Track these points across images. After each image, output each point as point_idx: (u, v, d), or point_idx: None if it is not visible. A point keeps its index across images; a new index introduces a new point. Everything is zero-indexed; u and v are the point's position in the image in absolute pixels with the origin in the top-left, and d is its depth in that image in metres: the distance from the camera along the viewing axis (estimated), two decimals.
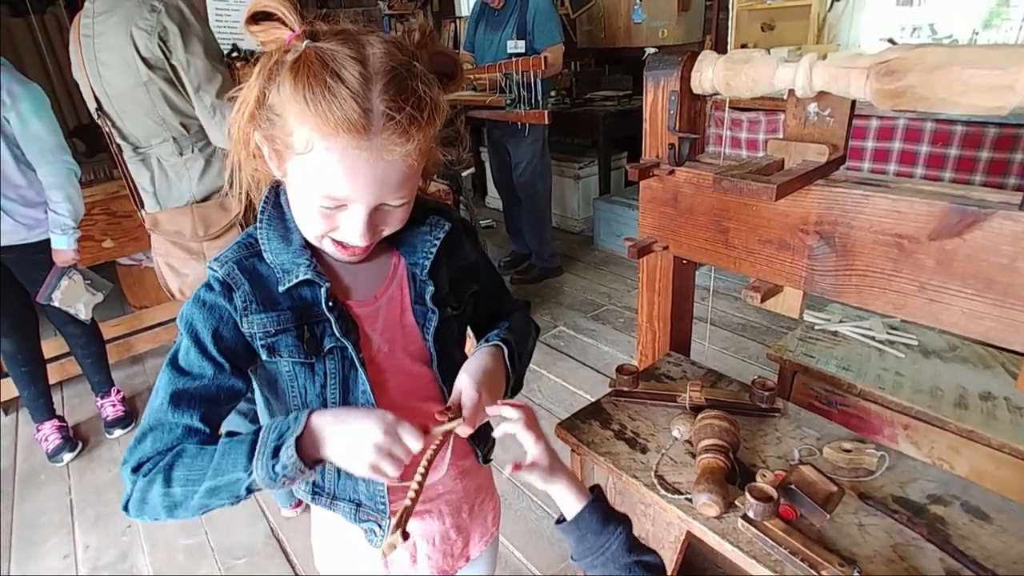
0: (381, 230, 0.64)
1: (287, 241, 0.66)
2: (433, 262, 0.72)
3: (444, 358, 0.75)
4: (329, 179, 0.56)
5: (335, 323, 0.66)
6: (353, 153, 0.54)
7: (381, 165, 0.56)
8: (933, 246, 0.80)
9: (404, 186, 0.60)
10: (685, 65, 1.00)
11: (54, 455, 2.15)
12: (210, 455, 0.59)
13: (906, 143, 2.30)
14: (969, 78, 0.71)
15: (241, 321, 0.64)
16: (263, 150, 0.62)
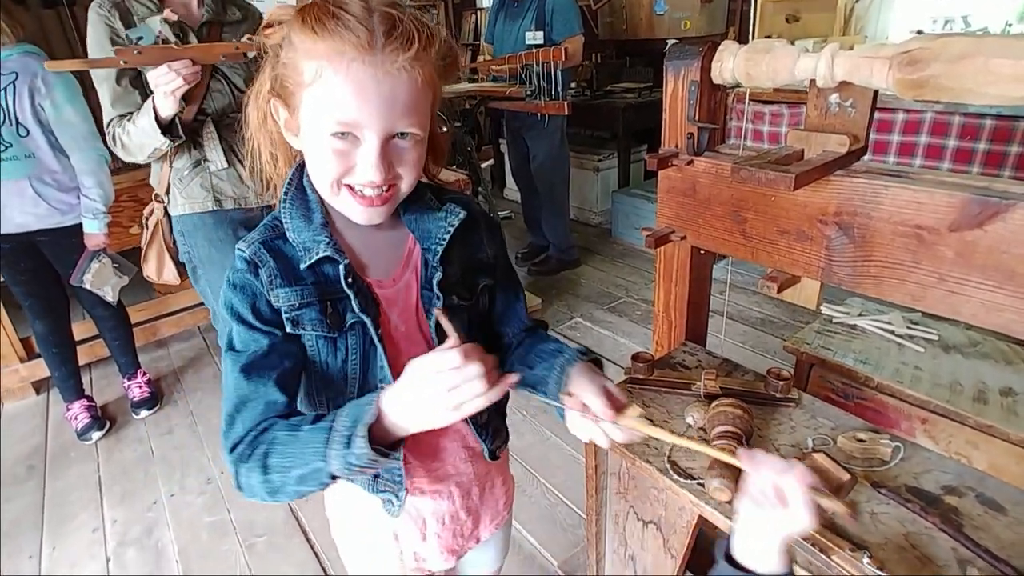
0: (397, 175, 0.64)
1: (308, 220, 0.69)
2: (445, 249, 0.73)
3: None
4: (339, 102, 0.58)
5: (355, 299, 0.68)
6: (359, 71, 0.57)
7: (388, 82, 0.58)
8: (953, 237, 0.79)
9: (413, 111, 0.61)
10: (706, 55, 1.00)
11: (83, 433, 2.22)
12: (295, 440, 0.60)
13: (933, 137, 2.25)
14: (994, 68, 0.71)
15: (268, 295, 0.67)
16: (280, 118, 0.66)
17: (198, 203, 1.55)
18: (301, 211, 0.70)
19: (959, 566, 0.71)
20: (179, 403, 2.44)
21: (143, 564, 1.68)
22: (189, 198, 1.55)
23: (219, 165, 1.53)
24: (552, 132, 3.00)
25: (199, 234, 1.58)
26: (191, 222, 1.58)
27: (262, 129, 0.71)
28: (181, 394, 2.50)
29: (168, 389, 2.54)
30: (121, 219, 2.70)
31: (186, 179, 1.54)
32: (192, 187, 1.54)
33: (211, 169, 1.54)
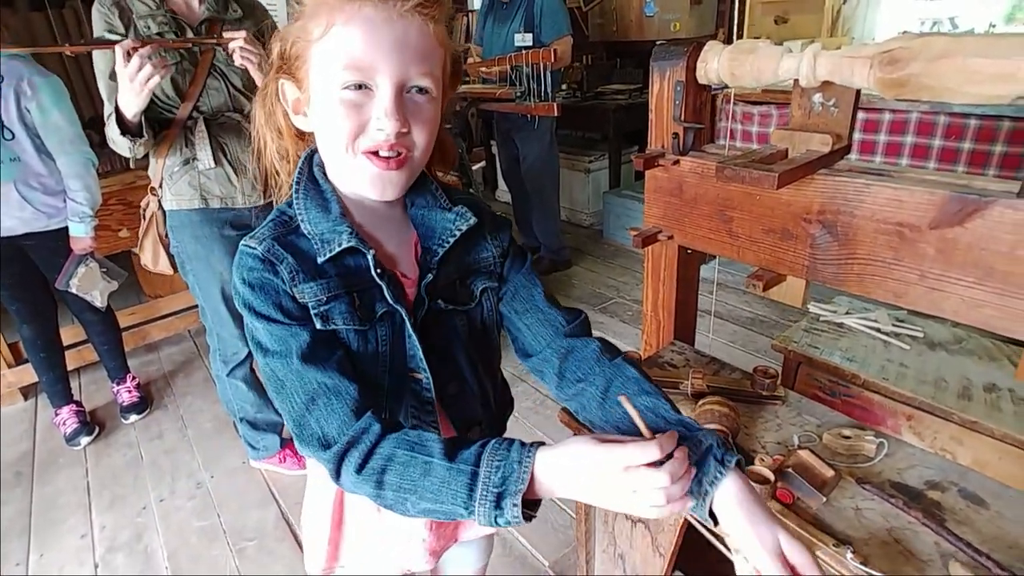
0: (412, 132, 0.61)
1: (326, 210, 0.66)
2: (445, 252, 0.70)
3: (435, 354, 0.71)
4: (351, 50, 0.57)
5: (387, 288, 0.65)
6: (370, 11, 0.57)
7: (400, 24, 0.58)
8: (934, 235, 0.80)
9: (426, 59, 0.60)
10: (691, 55, 1.01)
11: (72, 439, 2.20)
12: (423, 468, 0.56)
13: (919, 137, 2.27)
14: (972, 67, 0.72)
15: (292, 291, 0.63)
16: (289, 100, 0.66)
17: (185, 200, 1.56)
18: (317, 202, 0.66)
19: (941, 560, 0.72)
20: (169, 407, 2.42)
21: (132, 570, 1.67)
22: (177, 195, 1.56)
23: (207, 164, 1.54)
24: (542, 133, 3.01)
25: (186, 231, 1.60)
26: (179, 218, 1.59)
27: (269, 123, 0.70)
28: (171, 398, 2.48)
29: (158, 394, 2.52)
30: (110, 222, 2.68)
31: (175, 176, 1.55)
32: (180, 184, 1.55)
33: (199, 168, 1.54)
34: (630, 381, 0.69)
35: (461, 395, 0.76)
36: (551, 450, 0.55)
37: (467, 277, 0.73)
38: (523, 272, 0.78)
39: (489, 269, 0.75)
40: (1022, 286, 0.74)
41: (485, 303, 0.76)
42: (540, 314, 0.76)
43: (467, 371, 0.75)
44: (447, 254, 0.70)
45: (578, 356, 0.73)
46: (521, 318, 0.77)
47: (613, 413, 0.67)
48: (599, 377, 0.70)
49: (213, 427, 2.25)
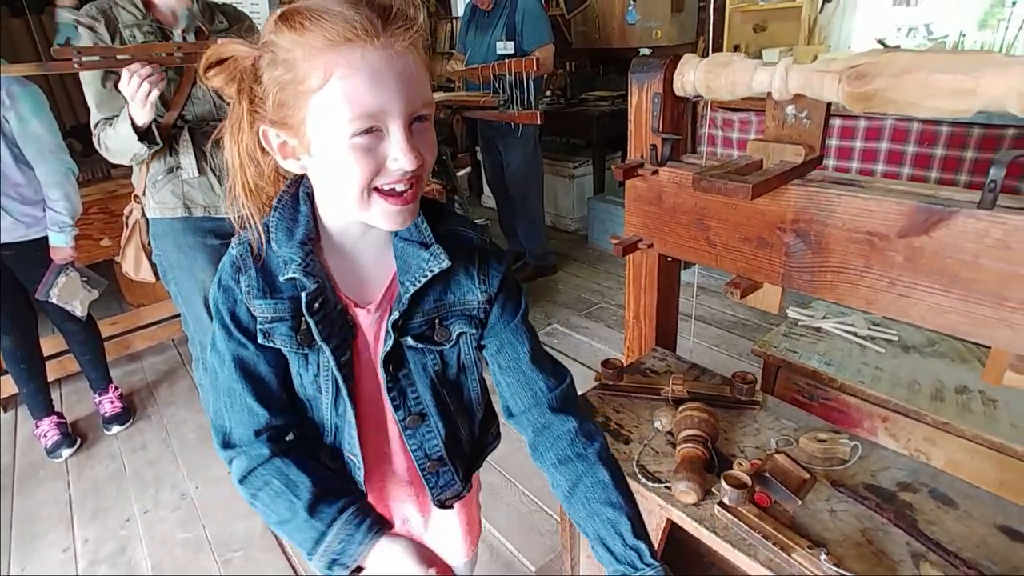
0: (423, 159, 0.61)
1: (290, 234, 0.66)
2: (420, 290, 0.68)
3: (397, 389, 0.72)
4: (357, 99, 0.55)
5: (315, 326, 0.65)
6: (371, 56, 0.55)
7: (400, 63, 0.56)
8: (902, 243, 0.83)
9: (425, 90, 0.60)
10: (668, 68, 1.03)
11: (53, 451, 2.17)
12: (287, 507, 0.65)
13: (893, 143, 2.33)
14: (935, 82, 0.74)
15: (247, 303, 0.67)
16: (273, 144, 0.62)
17: (168, 208, 1.56)
18: (286, 224, 0.67)
19: (913, 560, 0.74)
20: (152, 418, 2.39)
21: None
22: (160, 203, 1.56)
23: (191, 173, 1.53)
24: (525, 140, 3.03)
25: (168, 239, 1.59)
26: (161, 226, 1.59)
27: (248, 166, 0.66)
28: (155, 408, 2.45)
29: (141, 404, 2.49)
30: (91, 231, 2.65)
31: (159, 184, 1.54)
32: (163, 192, 1.55)
33: (183, 176, 1.54)
34: (598, 487, 0.68)
35: (420, 432, 0.75)
36: (388, 545, 0.64)
37: (447, 317, 0.71)
38: (512, 326, 0.73)
39: (471, 313, 0.71)
40: (984, 293, 0.77)
41: (463, 346, 0.73)
42: (522, 376, 0.73)
43: (431, 409, 0.74)
44: (423, 291, 0.68)
45: (553, 434, 0.72)
46: (504, 375, 0.74)
47: (577, 512, 0.69)
48: (569, 471, 0.70)
49: (197, 437, 2.23)
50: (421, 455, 0.76)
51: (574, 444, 0.71)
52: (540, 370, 0.74)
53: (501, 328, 0.73)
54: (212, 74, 0.61)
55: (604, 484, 0.68)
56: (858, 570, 0.72)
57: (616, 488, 0.68)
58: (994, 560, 0.73)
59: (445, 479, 0.80)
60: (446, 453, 0.77)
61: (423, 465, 0.77)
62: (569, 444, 0.71)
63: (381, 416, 0.76)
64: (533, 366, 0.73)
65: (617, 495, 0.67)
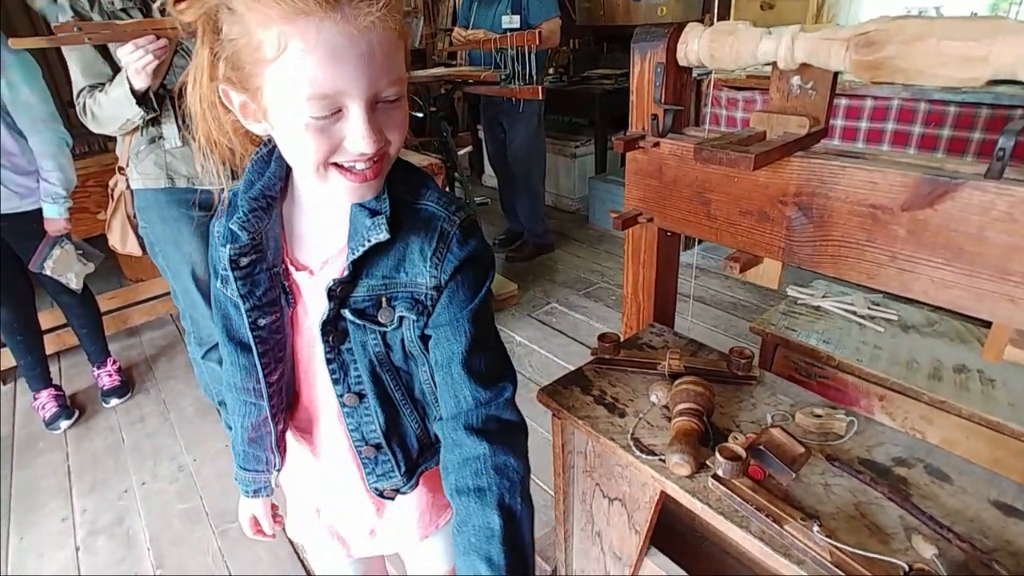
0: (387, 143, 0.58)
1: (250, 187, 0.65)
2: (371, 258, 0.64)
3: (338, 362, 0.69)
4: (313, 75, 0.51)
5: (234, 281, 0.65)
6: (329, 31, 0.49)
7: (363, 40, 0.51)
8: (905, 216, 0.81)
9: (393, 68, 0.54)
10: (671, 37, 1.00)
11: (51, 423, 2.18)
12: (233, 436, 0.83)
13: (900, 124, 2.30)
14: (945, 49, 0.72)
15: (216, 249, 0.72)
16: (234, 103, 0.58)
17: (151, 179, 1.55)
18: (250, 177, 0.66)
19: (905, 533, 0.74)
20: (151, 391, 2.40)
21: (113, 553, 1.67)
22: (143, 174, 1.54)
23: (174, 143, 1.52)
24: (529, 117, 2.99)
25: (153, 211, 1.58)
26: (145, 198, 1.58)
27: (208, 118, 0.62)
28: (153, 382, 2.46)
29: (140, 378, 2.50)
30: (88, 204, 2.64)
31: (142, 154, 1.53)
32: (146, 163, 1.53)
33: (165, 147, 1.52)
34: (483, 535, 0.61)
35: (358, 413, 0.72)
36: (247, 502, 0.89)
37: (394, 297, 0.65)
38: (454, 320, 0.65)
39: (417, 298, 0.65)
40: (988, 267, 0.76)
41: (406, 331, 0.67)
42: (450, 379, 0.66)
43: (369, 391, 0.70)
44: (369, 263, 0.64)
45: (461, 456, 0.65)
46: (436, 373, 0.68)
47: (456, 549, 0.63)
48: (462, 504, 0.63)
49: (195, 411, 2.24)
50: (358, 437, 0.74)
51: (478, 476, 0.63)
52: (472, 377, 0.65)
53: (443, 320, 0.66)
54: (183, 7, 0.57)
55: (490, 535, 0.61)
56: (850, 542, 0.71)
57: (502, 543, 0.60)
58: (987, 535, 0.73)
59: (383, 468, 0.76)
60: (385, 441, 0.73)
61: (359, 447, 0.74)
62: (473, 474, 0.63)
63: (322, 389, 0.75)
64: (464, 371, 0.65)
65: (499, 551, 0.60)
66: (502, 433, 0.65)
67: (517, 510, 0.62)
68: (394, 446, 0.74)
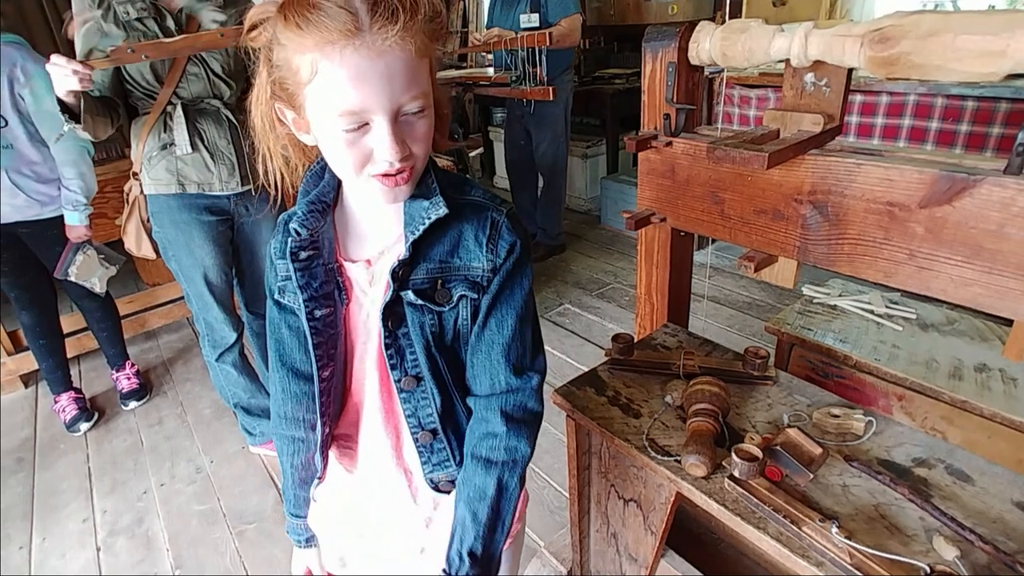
0: (412, 151, 0.63)
1: (306, 194, 0.72)
2: (426, 241, 0.69)
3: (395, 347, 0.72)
4: (341, 94, 0.58)
5: (295, 273, 0.70)
6: (353, 57, 0.56)
7: (382, 62, 0.57)
8: (923, 214, 0.80)
9: (414, 84, 0.60)
10: (683, 36, 1.00)
11: (71, 425, 2.22)
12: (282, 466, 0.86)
13: (916, 119, 2.27)
14: (962, 44, 0.72)
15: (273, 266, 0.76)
16: (287, 118, 0.66)
17: (163, 185, 1.57)
18: (306, 187, 0.73)
19: (926, 535, 0.73)
20: (168, 394, 2.43)
21: (133, 553, 1.69)
22: (155, 179, 1.57)
23: (184, 150, 1.54)
24: (555, 122, 3.01)
25: (165, 216, 1.61)
26: (157, 203, 1.60)
27: (271, 135, 0.70)
28: (170, 385, 2.49)
29: (157, 380, 2.53)
30: (106, 210, 2.68)
31: (154, 160, 1.55)
32: (158, 169, 1.56)
33: (177, 153, 1.54)
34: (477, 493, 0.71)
35: (415, 396, 0.74)
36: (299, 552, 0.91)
37: (449, 280, 0.70)
38: (501, 309, 0.72)
39: (475, 279, 0.70)
40: (1009, 264, 0.74)
41: (461, 310, 0.72)
42: (489, 362, 0.72)
43: (426, 373, 0.73)
44: (427, 244, 0.70)
45: (484, 429, 0.73)
46: (474, 353, 0.73)
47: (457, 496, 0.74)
48: (471, 466, 0.73)
49: (212, 413, 2.27)
50: (415, 423, 0.75)
51: (492, 450, 0.72)
52: (509, 365, 0.72)
53: (493, 305, 0.71)
54: (254, 35, 0.64)
55: (482, 496, 0.71)
56: (870, 543, 0.71)
57: (489, 506, 0.71)
58: (1010, 536, 0.72)
59: (440, 456, 0.77)
60: (440, 426, 0.75)
61: (416, 434, 0.75)
62: (488, 448, 0.72)
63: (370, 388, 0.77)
64: (503, 359, 0.72)
65: (484, 511, 0.70)
66: (523, 421, 0.73)
67: (511, 486, 0.72)
68: (449, 432, 0.76)
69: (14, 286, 2.09)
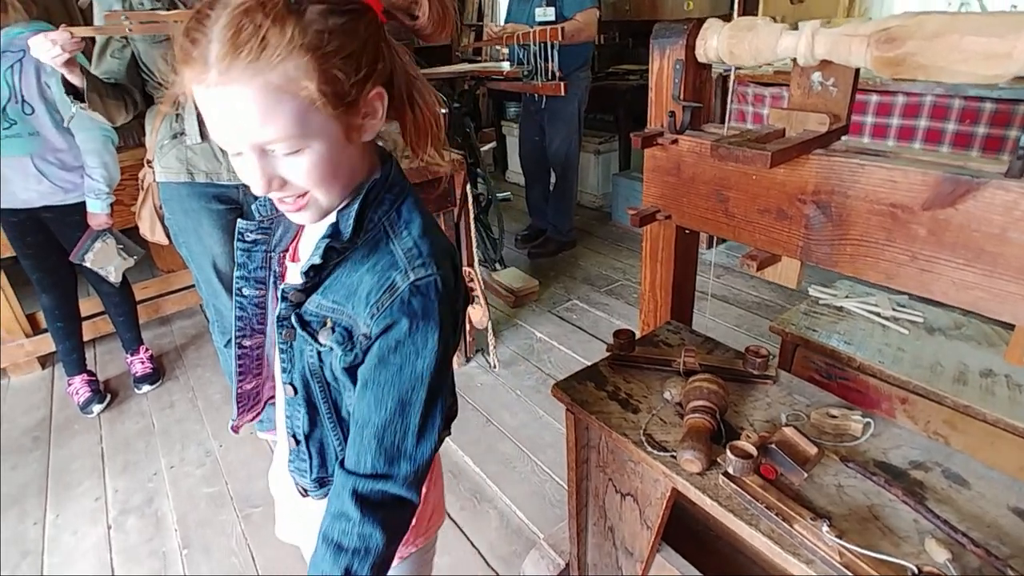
0: (287, 183, 0.59)
1: None
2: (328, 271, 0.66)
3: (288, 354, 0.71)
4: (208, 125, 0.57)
5: (237, 252, 0.74)
6: (202, 91, 0.54)
7: (224, 99, 0.54)
8: (926, 216, 0.80)
9: (269, 122, 0.54)
10: (690, 33, 1.00)
11: (85, 407, 2.27)
12: None
13: (933, 121, 2.24)
14: (968, 45, 0.71)
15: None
16: None
17: (173, 173, 1.60)
18: None
19: (919, 537, 0.73)
20: (180, 379, 2.48)
21: (143, 531, 1.73)
22: (166, 168, 1.60)
23: (194, 139, 1.56)
24: (570, 117, 3.01)
25: (175, 203, 1.63)
26: (168, 190, 1.63)
27: None
28: (182, 370, 2.54)
29: (170, 365, 2.58)
30: (123, 197, 2.72)
31: (165, 149, 1.58)
32: (169, 157, 1.58)
33: (187, 143, 1.56)
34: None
35: (292, 403, 0.74)
36: None
37: (339, 324, 0.65)
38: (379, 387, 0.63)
39: (352, 334, 0.64)
40: (1010, 268, 0.74)
41: (333, 360, 0.67)
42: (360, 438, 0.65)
43: (300, 391, 0.72)
44: (333, 283, 0.66)
45: (337, 507, 0.64)
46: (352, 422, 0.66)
47: None
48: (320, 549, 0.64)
49: (222, 398, 2.31)
50: (288, 425, 0.76)
51: (344, 534, 0.63)
52: (379, 450, 0.63)
53: (370, 380, 0.64)
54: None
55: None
56: (861, 543, 0.71)
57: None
58: (1004, 541, 0.72)
59: (300, 463, 0.77)
60: (304, 441, 0.75)
61: (288, 434, 0.77)
62: (340, 531, 0.63)
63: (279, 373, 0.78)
64: (375, 441, 0.63)
65: None
66: (383, 507, 0.64)
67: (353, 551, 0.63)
68: (312, 449, 0.75)
69: (36, 269, 2.14)
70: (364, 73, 0.57)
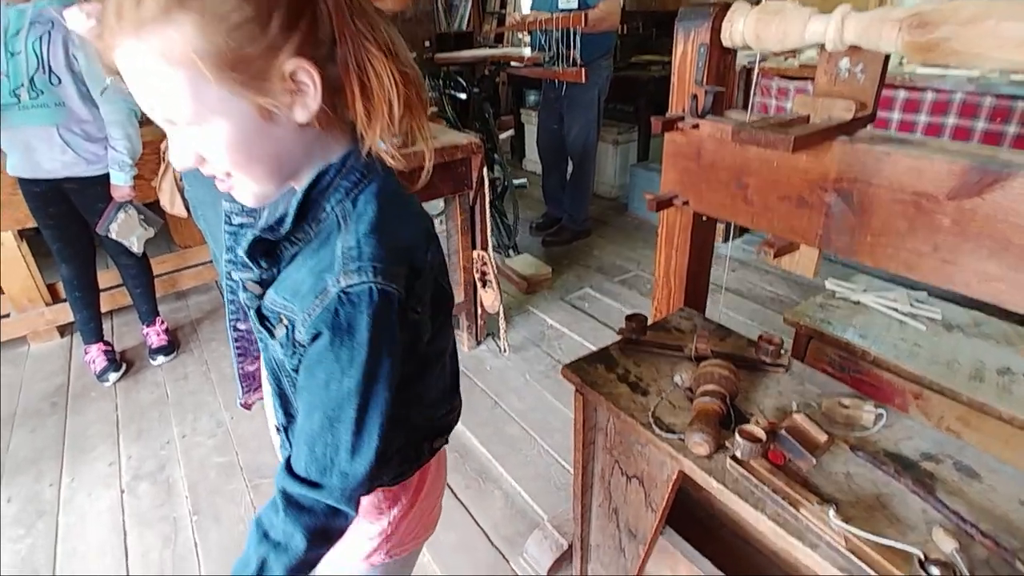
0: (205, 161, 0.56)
1: None
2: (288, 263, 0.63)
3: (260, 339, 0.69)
4: None
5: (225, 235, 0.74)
6: (108, 54, 0.51)
7: (123, 67, 0.51)
8: (951, 205, 0.79)
9: (161, 95, 0.51)
10: (717, 16, 0.99)
11: (101, 375, 2.32)
12: None
13: (961, 118, 2.20)
14: (1004, 31, 0.70)
15: None
16: None
17: None
18: None
19: (926, 527, 0.73)
20: (195, 352, 2.52)
21: (155, 497, 1.77)
22: None
23: None
24: (588, 106, 2.99)
25: (195, 176, 1.63)
26: None
27: None
28: (197, 343, 2.58)
29: (185, 338, 2.62)
30: (144, 171, 2.74)
31: None
32: None
33: None
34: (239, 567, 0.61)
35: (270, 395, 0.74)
36: None
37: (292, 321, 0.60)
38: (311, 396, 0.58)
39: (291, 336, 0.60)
40: None
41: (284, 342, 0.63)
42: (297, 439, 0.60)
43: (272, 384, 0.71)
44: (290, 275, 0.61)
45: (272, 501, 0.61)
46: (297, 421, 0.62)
47: None
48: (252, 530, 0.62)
49: None
50: (272, 413, 0.76)
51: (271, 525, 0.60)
52: (312, 458, 0.58)
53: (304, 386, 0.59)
54: None
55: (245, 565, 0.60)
56: (867, 530, 0.71)
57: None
58: (1013, 533, 0.71)
59: (285, 451, 0.76)
60: (283, 431, 0.74)
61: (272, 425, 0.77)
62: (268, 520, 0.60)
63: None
64: (307, 449, 0.58)
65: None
66: (311, 513, 0.59)
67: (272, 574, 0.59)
68: (291, 440, 0.73)
69: (57, 239, 2.17)
70: (269, 42, 0.50)
